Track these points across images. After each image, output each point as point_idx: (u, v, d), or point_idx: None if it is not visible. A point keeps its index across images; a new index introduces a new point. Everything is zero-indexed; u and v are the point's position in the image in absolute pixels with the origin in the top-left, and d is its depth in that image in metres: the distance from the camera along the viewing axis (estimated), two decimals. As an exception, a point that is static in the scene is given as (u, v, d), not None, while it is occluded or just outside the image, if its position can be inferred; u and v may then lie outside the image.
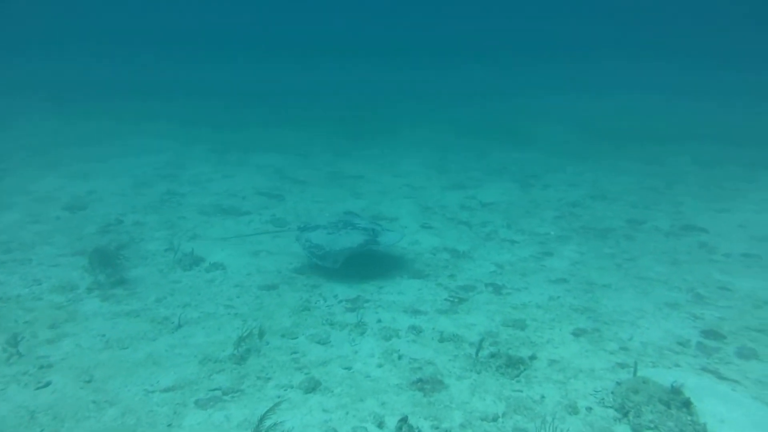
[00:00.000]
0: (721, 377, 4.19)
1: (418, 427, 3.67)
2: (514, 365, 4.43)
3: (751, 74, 25.45)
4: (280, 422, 3.63)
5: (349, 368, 4.42)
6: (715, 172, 10.63)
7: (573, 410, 3.86)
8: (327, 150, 13.01)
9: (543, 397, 4.02)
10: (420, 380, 4.29)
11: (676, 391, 3.77)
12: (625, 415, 3.73)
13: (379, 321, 5.21)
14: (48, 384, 4.08)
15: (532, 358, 4.57)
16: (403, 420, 3.67)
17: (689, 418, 3.59)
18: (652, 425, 3.57)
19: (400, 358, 4.62)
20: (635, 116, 17.63)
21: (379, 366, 4.46)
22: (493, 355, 4.54)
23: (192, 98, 20.42)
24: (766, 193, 9.14)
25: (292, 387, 4.14)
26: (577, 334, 4.97)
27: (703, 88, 22.86)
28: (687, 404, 3.68)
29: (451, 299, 5.73)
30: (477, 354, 4.57)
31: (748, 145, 12.77)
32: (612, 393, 3.99)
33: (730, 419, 3.66)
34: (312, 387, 4.16)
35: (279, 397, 4.00)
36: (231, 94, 21.79)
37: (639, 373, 4.21)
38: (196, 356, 4.51)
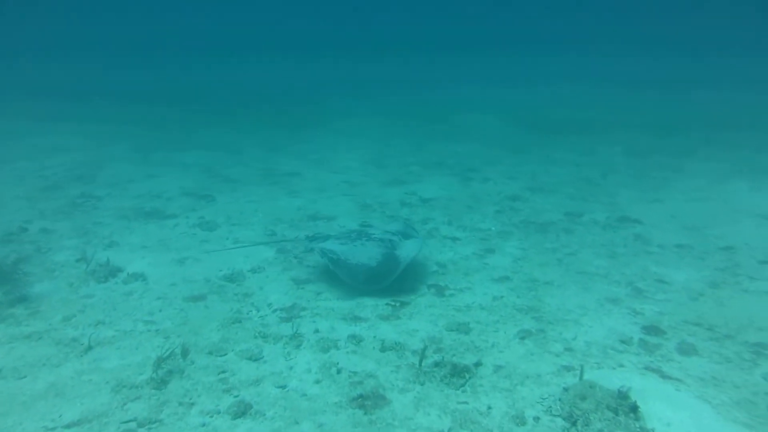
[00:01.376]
0: (665, 376, 4.13)
1: (358, 453, 3.37)
2: (459, 374, 4.21)
3: (675, 62, 26.73)
4: (203, 459, 3.23)
5: (283, 387, 4.05)
6: (646, 161, 10.92)
7: (520, 421, 3.67)
8: (260, 146, 12.44)
9: (490, 408, 3.82)
10: (361, 396, 3.98)
11: (623, 395, 3.66)
12: (574, 424, 3.58)
13: (317, 331, 4.86)
14: None
15: (478, 364, 4.36)
16: (342, 446, 3.36)
17: (637, 424, 3.47)
18: (601, 434, 3.43)
19: (339, 372, 4.29)
20: (566, 107, 18.02)
21: (317, 382, 4.12)
22: (437, 364, 4.30)
23: (117, 99, 19.12)
24: (692, 182, 9.43)
25: (219, 413, 3.72)
26: (523, 336, 4.82)
27: (630, 78, 23.75)
28: (634, 409, 3.57)
29: (393, 303, 5.45)
30: (420, 364, 4.31)
31: (674, 134, 13.26)
32: (560, 400, 3.83)
33: (676, 422, 3.58)
34: (241, 411, 3.77)
35: (204, 425, 3.59)
36: (160, 93, 20.60)
37: (585, 376, 4.09)
38: (108, 383, 3.99)
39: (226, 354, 4.46)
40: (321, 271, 6.12)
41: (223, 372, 4.20)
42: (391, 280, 5.58)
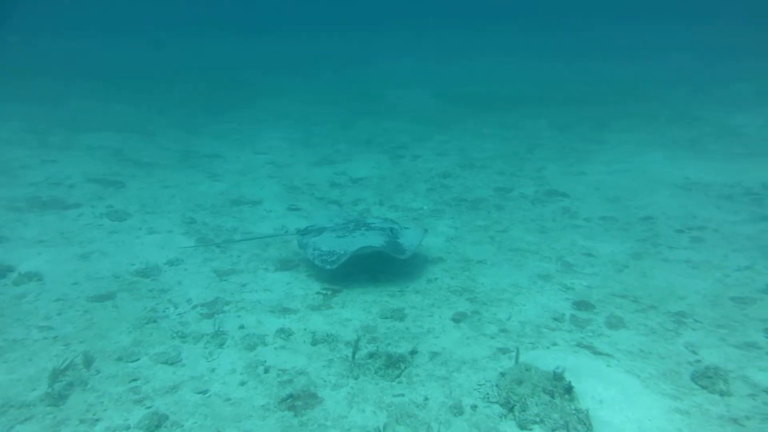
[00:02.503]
0: (596, 352, 4.15)
1: (288, 463, 3.11)
2: (394, 364, 4.03)
3: (593, 35, 27.62)
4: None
5: (204, 392, 3.71)
6: (569, 134, 11.16)
7: (458, 411, 3.55)
8: (176, 126, 11.62)
9: (426, 399, 3.67)
10: (290, 396, 3.72)
11: (558, 377, 3.61)
12: (511, 410, 3.50)
13: (242, 327, 4.52)
14: None
15: (413, 352, 4.20)
16: (270, 457, 3.09)
17: (572, 406, 3.44)
18: (537, 419, 3.37)
19: (266, 371, 4.00)
20: (490, 80, 18.19)
21: (242, 384, 3.81)
22: (371, 355, 4.09)
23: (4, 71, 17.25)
24: (613, 154, 9.72)
25: (128, 428, 3.33)
26: (458, 319, 4.71)
27: (549, 50, 24.32)
28: (569, 390, 3.53)
29: (324, 292, 5.19)
30: (354, 356, 4.10)
31: (594, 106, 13.65)
32: (496, 386, 3.74)
33: (608, 399, 3.59)
34: (155, 424, 3.40)
35: (111, 444, 3.20)
36: (65, 65, 18.81)
37: (521, 358, 4.03)
38: (-5, 403, 3.49)
39: (138, 359, 4.04)
40: (247, 259, 5.74)
41: (135, 380, 3.79)
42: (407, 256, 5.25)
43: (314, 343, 4.32)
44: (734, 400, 3.44)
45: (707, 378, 3.64)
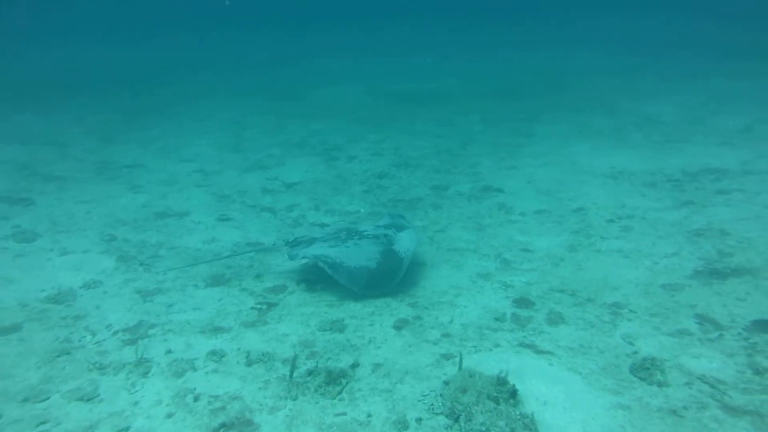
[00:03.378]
0: (538, 351, 4.12)
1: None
2: (335, 381, 3.83)
3: (519, 30, 28.31)
4: None
5: (125, 429, 3.37)
6: (500, 129, 11.30)
7: (403, 426, 3.40)
8: (93, 135, 10.84)
9: (369, 416, 3.50)
10: (223, 425, 3.44)
11: (501, 381, 3.54)
12: (456, 420, 3.39)
13: (169, 351, 4.18)
14: None
15: (355, 366, 4.03)
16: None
17: (517, 411, 3.37)
18: (483, 428, 3.27)
19: (196, 399, 3.69)
20: (422, 77, 18.23)
21: (169, 416, 3.49)
22: (310, 372, 3.88)
23: None
24: (543, 146, 9.91)
25: (38, 483, 2.96)
26: (399, 326, 4.57)
27: (478, 46, 24.74)
28: (513, 394, 3.47)
29: (259, 306, 4.91)
30: (291, 375, 3.87)
31: (522, 99, 13.94)
32: (441, 396, 3.62)
33: (552, 399, 3.55)
34: (71, 474, 3.05)
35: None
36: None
37: (464, 364, 3.94)
38: None
39: (48, 398, 3.63)
40: (174, 276, 5.35)
41: (44, 423, 3.40)
42: (397, 282, 5.05)
43: (249, 363, 4.06)
44: (672, 390, 3.49)
45: (645, 369, 3.68)
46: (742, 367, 3.64)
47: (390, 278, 5.04)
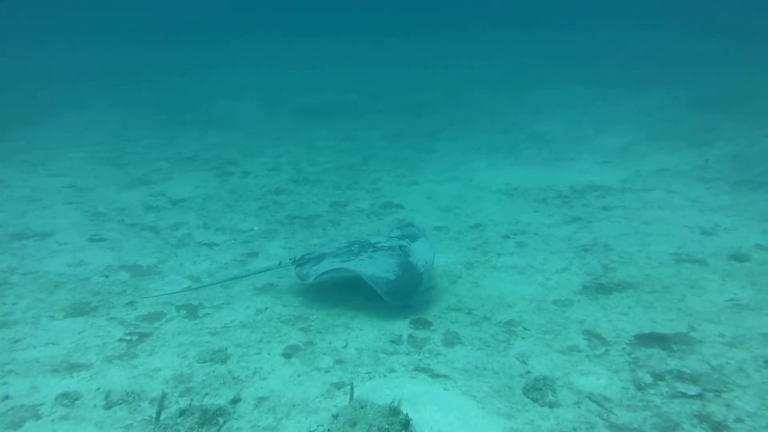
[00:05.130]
0: (433, 375, 3.96)
1: None
2: (211, 420, 3.41)
3: (423, 46, 28.96)
4: None
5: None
6: (401, 144, 11.32)
7: (287, 469, 3.07)
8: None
9: (249, 461, 3.12)
10: (71, 487, 2.91)
11: (394, 411, 3.31)
12: (346, 458, 3.11)
13: (6, 398, 3.53)
14: None
15: (236, 401, 3.62)
16: None
17: (411, 443, 3.16)
18: (375, 465, 3.02)
19: (38, 456, 3.12)
20: (323, 90, 18.06)
21: (1, 482, 2.90)
22: (182, 412, 3.42)
23: None
24: (443, 163, 10.02)
25: None
26: (289, 354, 4.23)
27: (381, 60, 24.98)
28: (406, 425, 3.25)
29: (129, 337, 4.35)
30: (158, 416, 3.39)
31: (423, 115, 14.14)
32: (328, 431, 3.33)
33: (446, 427, 3.38)
34: None
35: None
36: None
37: (356, 393, 3.68)
38: None
39: None
40: (26, 307, 4.61)
41: None
42: (417, 294, 4.71)
43: (109, 405, 3.51)
44: (562, 411, 3.45)
45: (537, 390, 3.62)
46: (626, 383, 3.70)
47: (411, 291, 4.70)
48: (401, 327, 4.67)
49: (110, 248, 6.00)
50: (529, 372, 3.91)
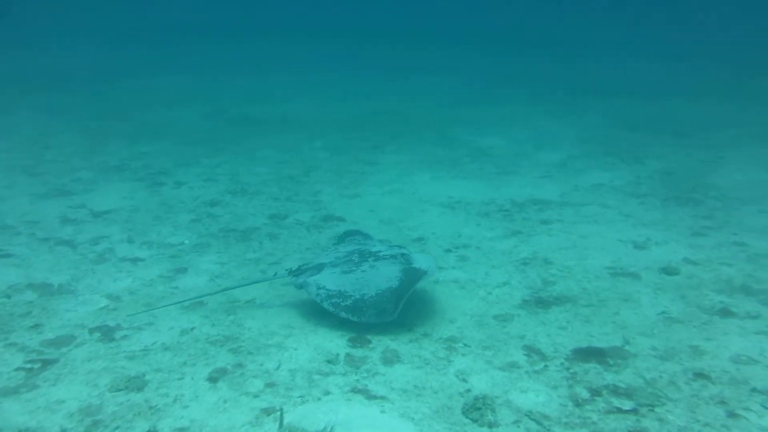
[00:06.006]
0: (370, 396, 3.75)
1: None
2: (121, 458, 3.06)
3: (369, 57, 29.03)
4: None
5: None
6: (345, 157, 11.14)
7: None
8: None
9: (161, 503, 2.80)
10: None
11: (327, 439, 3.09)
12: (272, 494, 2.85)
13: None
14: None
15: (151, 434, 3.29)
16: None
17: (344, 474, 2.93)
18: (303, 501, 2.78)
19: None
20: (266, 100, 17.68)
21: None
22: (89, 450, 3.06)
23: None
24: (386, 175, 9.89)
25: None
26: (215, 378, 3.91)
27: (326, 66, 24.85)
28: (340, 453, 3.03)
29: (30, 365, 3.90)
30: (60, 457, 3.01)
31: (366, 129, 14.03)
32: (254, 465, 3.06)
33: (384, 453, 3.18)
34: None
35: None
36: None
37: (287, 420, 3.42)
38: None
39: None
40: None
41: None
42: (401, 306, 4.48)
43: (-1, 448, 3.10)
44: (501, 430, 3.32)
45: (477, 410, 3.48)
46: (564, 399, 3.63)
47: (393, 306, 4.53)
48: (339, 345, 4.44)
49: (16, 265, 5.46)
50: (469, 390, 3.78)
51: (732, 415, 3.41)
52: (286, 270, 5.13)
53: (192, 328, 4.62)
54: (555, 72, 24.07)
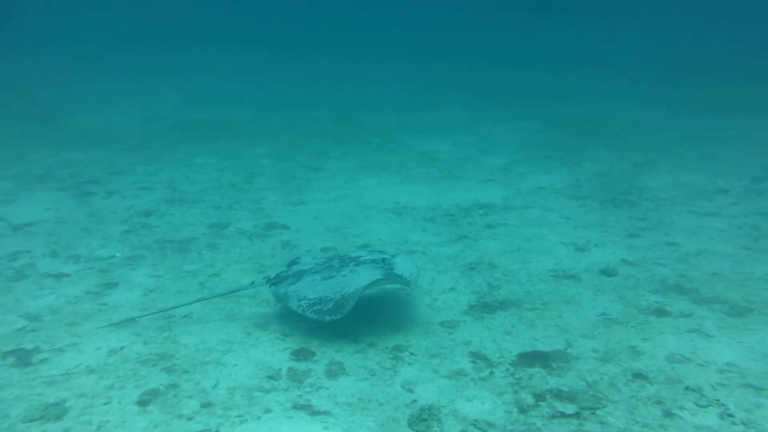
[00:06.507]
0: (313, 412, 3.60)
1: None
2: (36, 497, 2.78)
3: (315, 63, 28.69)
4: None
5: None
6: (289, 163, 10.91)
7: None
8: None
9: None
10: None
11: (266, 462, 2.92)
12: None
13: None
14: None
15: (72, 467, 3.01)
16: None
17: (283, 499, 2.78)
18: None
19: None
20: (207, 105, 17.17)
21: None
22: (-1, 490, 2.76)
23: None
24: (332, 181, 9.75)
25: None
26: (146, 401, 3.65)
27: (271, 75, 24.32)
28: (279, 477, 2.87)
29: (-66, 398, 3.51)
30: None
31: (313, 131, 13.86)
32: (187, 495, 2.85)
33: (327, 472, 3.04)
34: None
35: None
36: None
37: (223, 443, 3.23)
38: None
39: None
40: None
41: None
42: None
43: None
44: (448, 442, 3.26)
45: (422, 421, 3.41)
46: (509, 405, 3.60)
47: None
48: (281, 359, 4.27)
49: None
50: (415, 401, 3.70)
51: (668, 414, 3.48)
52: (264, 278, 4.96)
53: (121, 348, 4.32)
54: (500, 78, 24.64)
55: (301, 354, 4.35)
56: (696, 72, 23.23)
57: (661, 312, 4.90)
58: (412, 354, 4.33)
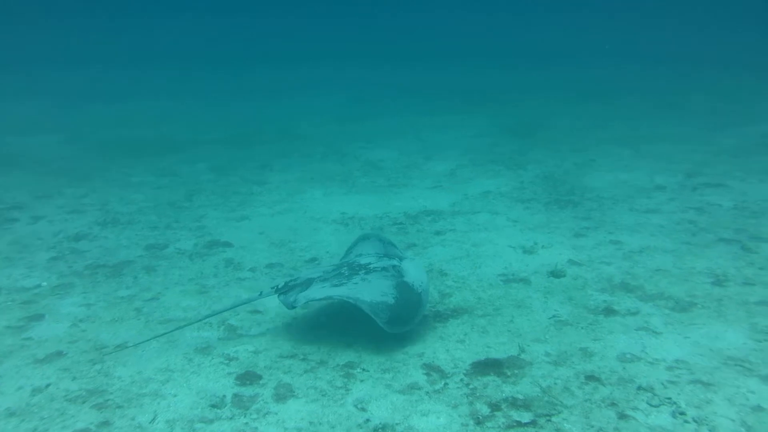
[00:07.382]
0: (261, 441, 3.39)
1: None
2: None
3: (251, 77, 28.12)
4: None
5: None
6: (231, 178, 10.58)
7: None
8: None
9: None
10: None
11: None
12: None
13: None
14: None
15: None
16: None
17: None
18: None
19: None
20: (141, 123, 16.51)
21: None
22: None
23: None
24: (276, 195, 9.51)
25: None
26: (73, 444, 3.33)
27: (208, 91, 23.68)
28: None
29: None
30: None
31: (255, 145, 13.52)
32: None
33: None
34: None
35: None
36: None
37: (161, 485, 2.96)
38: None
39: None
40: None
41: None
42: (418, 320, 4.40)
43: None
44: (404, 462, 3.12)
45: (377, 442, 3.25)
46: (465, 418, 3.51)
47: (413, 314, 4.35)
48: (225, 386, 4.02)
49: None
50: (368, 420, 3.54)
51: (622, 416, 3.47)
52: (272, 287, 4.82)
53: (47, 385, 3.96)
54: (448, 80, 25.00)
55: (246, 378, 4.12)
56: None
57: (609, 311, 4.96)
58: (363, 370, 4.17)
